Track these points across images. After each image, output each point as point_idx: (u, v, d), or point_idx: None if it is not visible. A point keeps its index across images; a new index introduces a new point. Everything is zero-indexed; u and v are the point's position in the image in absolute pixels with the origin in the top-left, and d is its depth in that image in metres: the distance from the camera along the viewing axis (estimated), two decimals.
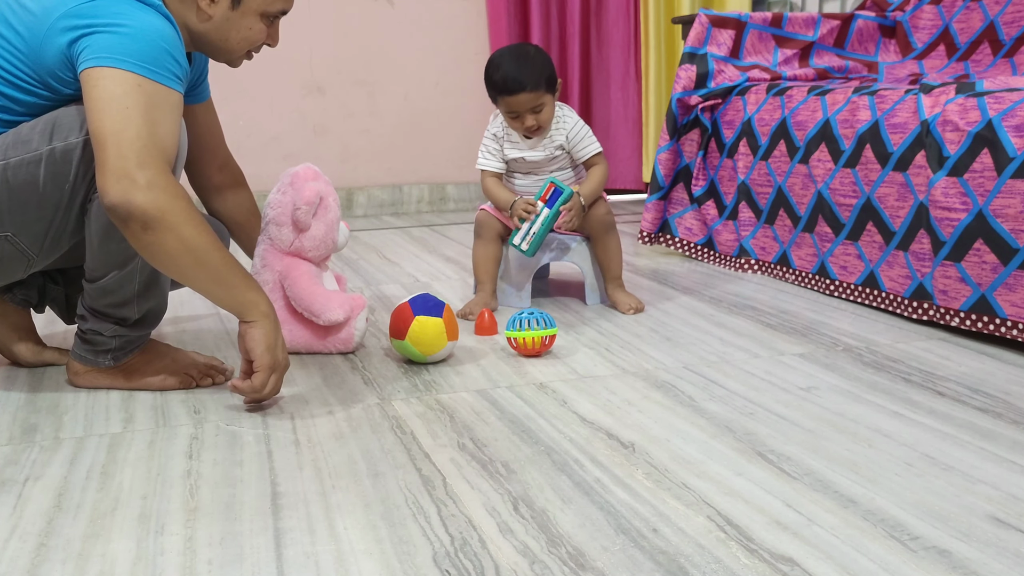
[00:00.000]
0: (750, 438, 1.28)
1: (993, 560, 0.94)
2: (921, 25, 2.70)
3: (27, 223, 1.36)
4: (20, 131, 1.35)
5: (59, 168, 1.34)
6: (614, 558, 0.95)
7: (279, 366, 1.38)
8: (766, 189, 2.35)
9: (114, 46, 1.28)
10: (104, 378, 1.49)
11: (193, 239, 1.28)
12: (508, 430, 1.32)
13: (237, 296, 1.34)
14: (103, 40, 1.28)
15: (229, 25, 1.45)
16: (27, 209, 1.35)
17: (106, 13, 1.30)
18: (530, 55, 1.92)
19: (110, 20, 1.30)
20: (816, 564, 0.94)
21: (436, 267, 2.54)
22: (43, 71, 1.33)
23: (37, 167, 1.33)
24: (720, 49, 2.54)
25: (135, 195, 1.23)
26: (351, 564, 0.95)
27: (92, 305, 1.43)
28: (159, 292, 1.47)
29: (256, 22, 1.47)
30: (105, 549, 0.99)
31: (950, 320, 1.80)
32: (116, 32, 1.29)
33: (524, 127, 1.93)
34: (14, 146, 1.33)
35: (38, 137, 1.34)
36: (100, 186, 1.25)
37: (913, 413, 1.37)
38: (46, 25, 1.31)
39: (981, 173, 1.73)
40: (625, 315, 1.97)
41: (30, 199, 1.35)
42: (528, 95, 1.88)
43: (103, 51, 1.28)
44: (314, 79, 3.57)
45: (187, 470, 1.19)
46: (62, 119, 1.34)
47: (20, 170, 1.33)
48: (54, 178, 1.34)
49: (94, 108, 1.26)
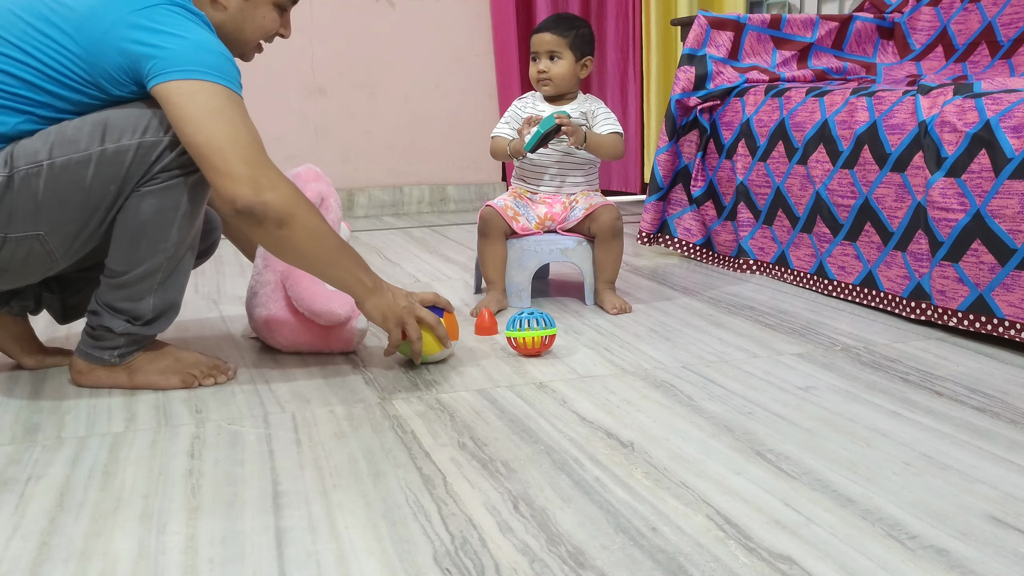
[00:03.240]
0: (749, 437, 1.28)
1: (991, 559, 0.95)
2: (919, 26, 2.71)
3: (62, 223, 1.36)
4: (65, 130, 1.34)
5: (109, 170, 1.34)
6: (613, 557, 0.96)
7: (399, 321, 1.52)
8: (765, 190, 2.36)
9: (189, 58, 1.31)
10: (107, 377, 1.49)
11: (317, 228, 1.40)
12: (508, 429, 1.32)
13: (347, 277, 1.47)
14: (174, 52, 1.31)
15: (243, 16, 1.48)
16: (66, 209, 1.35)
17: (163, 22, 1.32)
18: (574, 16, 2.09)
19: (171, 30, 1.32)
20: (814, 563, 0.94)
21: (437, 267, 2.54)
22: (96, 72, 1.33)
23: (85, 167, 1.33)
24: (719, 51, 2.55)
25: (267, 196, 1.33)
26: (352, 563, 0.96)
27: (107, 300, 1.43)
28: (176, 291, 1.47)
29: (270, 11, 1.50)
30: (107, 548, 1.00)
31: (948, 320, 1.80)
32: (183, 42, 1.32)
33: (537, 71, 2.05)
34: (60, 145, 1.33)
35: (87, 137, 1.33)
36: (228, 193, 1.31)
37: (911, 413, 1.38)
38: (100, 29, 1.31)
39: (979, 174, 1.73)
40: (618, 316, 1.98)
41: (72, 199, 1.34)
42: (551, 36, 2.03)
43: (180, 64, 1.31)
44: (315, 80, 3.58)
45: (189, 469, 1.20)
46: (114, 120, 1.35)
47: (66, 170, 1.33)
48: (101, 180, 1.34)
49: (195, 120, 1.30)
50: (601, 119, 2.08)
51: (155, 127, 1.36)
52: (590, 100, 2.11)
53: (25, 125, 1.34)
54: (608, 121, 2.08)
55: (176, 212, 1.40)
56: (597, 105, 2.10)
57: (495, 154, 2.12)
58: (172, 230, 1.40)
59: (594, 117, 2.08)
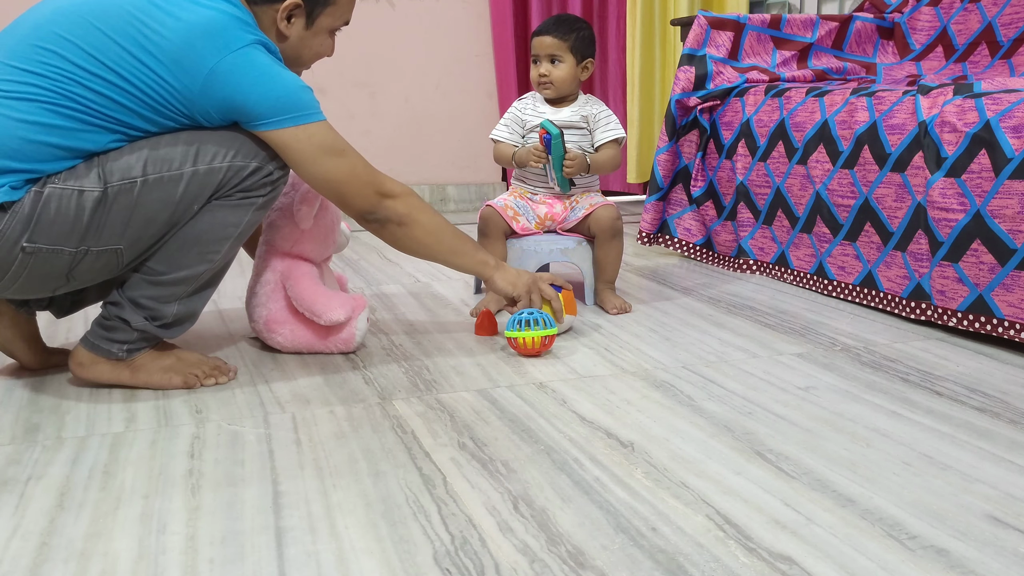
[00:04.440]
0: (749, 437, 1.28)
1: (991, 559, 0.95)
2: (919, 27, 2.71)
3: (143, 238, 1.40)
4: (159, 147, 1.38)
5: (198, 190, 1.40)
6: (613, 557, 0.96)
7: (528, 289, 1.69)
8: (764, 190, 2.36)
9: (288, 105, 1.41)
10: (109, 371, 1.49)
11: (431, 223, 1.59)
12: (508, 429, 1.32)
13: (468, 261, 1.66)
14: (275, 103, 1.40)
15: (303, 44, 1.54)
16: (150, 225, 1.39)
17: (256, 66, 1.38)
18: (574, 18, 2.08)
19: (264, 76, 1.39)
20: (814, 563, 0.94)
21: (436, 267, 2.54)
22: (195, 109, 1.38)
23: (176, 186, 1.38)
24: (719, 51, 2.55)
25: (387, 203, 1.53)
26: (352, 563, 0.96)
27: (133, 296, 1.44)
28: (201, 303, 1.51)
29: (326, 39, 1.59)
30: (107, 548, 1.00)
31: (948, 320, 1.80)
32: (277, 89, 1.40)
33: (538, 74, 2.05)
34: (153, 162, 1.37)
35: (180, 157, 1.38)
36: (357, 209, 1.52)
37: (911, 413, 1.38)
38: (201, 73, 1.35)
39: (979, 174, 1.73)
40: (618, 316, 1.98)
41: (159, 216, 1.38)
42: (552, 40, 2.02)
43: (282, 113, 1.41)
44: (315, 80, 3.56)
45: (189, 469, 1.20)
46: (207, 143, 1.40)
47: (158, 187, 1.37)
48: (189, 198, 1.40)
49: (315, 162, 1.45)
50: (603, 124, 2.07)
51: (246, 151, 1.42)
52: (591, 102, 2.10)
53: (115, 144, 1.37)
54: (609, 127, 2.06)
55: (236, 229, 1.45)
56: (598, 108, 2.09)
57: (499, 160, 2.12)
58: (225, 245, 1.45)
59: (596, 121, 2.07)
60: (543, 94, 2.08)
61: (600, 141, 2.06)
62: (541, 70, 2.04)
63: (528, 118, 2.08)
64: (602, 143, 2.06)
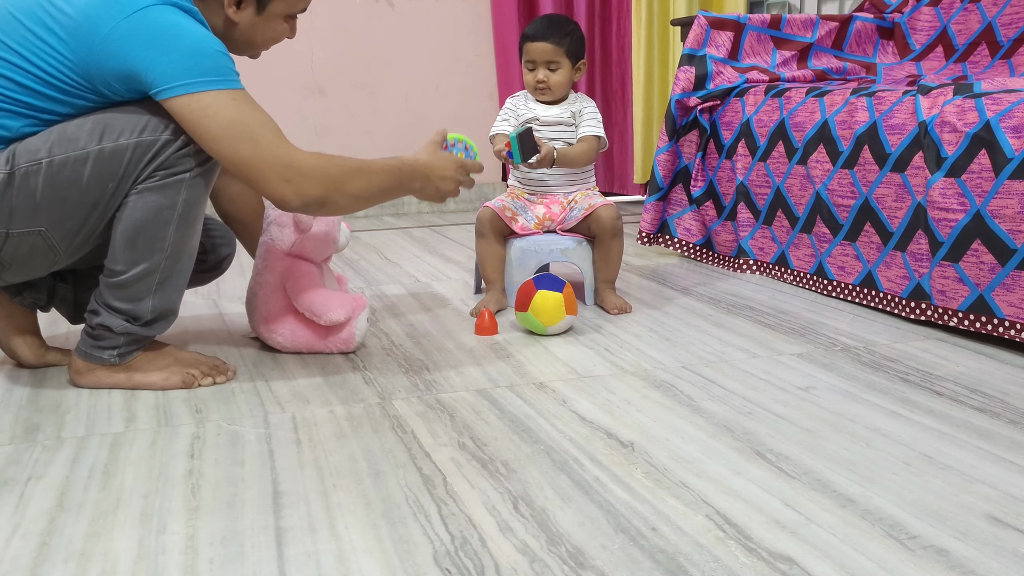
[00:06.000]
0: (749, 437, 1.28)
1: (991, 559, 0.95)
2: (919, 27, 2.71)
3: (62, 220, 1.38)
4: (66, 129, 1.36)
5: (106, 168, 1.36)
6: (613, 557, 0.96)
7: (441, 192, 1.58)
8: (764, 190, 2.36)
9: (187, 69, 1.32)
10: (107, 376, 1.49)
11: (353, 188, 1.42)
12: (508, 429, 1.32)
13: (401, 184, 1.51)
14: (171, 65, 1.31)
15: (255, 30, 1.51)
16: (65, 206, 1.37)
17: (156, 26, 1.32)
18: (565, 20, 2.08)
19: (165, 37, 1.31)
20: (814, 563, 0.94)
21: (436, 267, 2.54)
22: (95, 80, 1.35)
23: (83, 165, 1.35)
24: (719, 51, 2.55)
25: (307, 189, 1.37)
26: (352, 563, 0.96)
27: (107, 300, 1.44)
28: (175, 294, 1.49)
29: (280, 23, 1.53)
30: (107, 548, 1.00)
31: (948, 320, 1.80)
32: (178, 51, 1.32)
33: (535, 80, 2.05)
34: (59, 143, 1.35)
35: (86, 136, 1.35)
36: (279, 199, 1.37)
37: (911, 413, 1.38)
38: (96, 39, 1.31)
39: (979, 174, 1.73)
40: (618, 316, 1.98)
41: (69, 196, 1.36)
42: (547, 46, 2.02)
43: (180, 78, 1.31)
44: (315, 80, 3.58)
45: (189, 469, 1.20)
46: (114, 121, 1.36)
47: (64, 167, 1.35)
48: (98, 177, 1.36)
49: (216, 139, 1.33)
50: (585, 119, 2.08)
51: (153, 126, 1.37)
52: (580, 99, 2.11)
53: (29, 128, 1.36)
54: (589, 123, 2.07)
55: (172, 211, 1.41)
56: (585, 104, 2.10)
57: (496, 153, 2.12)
58: (169, 230, 1.41)
59: (580, 116, 2.08)
60: (540, 99, 2.09)
61: (581, 133, 2.08)
62: (539, 76, 2.05)
63: (522, 112, 2.10)
64: (582, 135, 2.07)
